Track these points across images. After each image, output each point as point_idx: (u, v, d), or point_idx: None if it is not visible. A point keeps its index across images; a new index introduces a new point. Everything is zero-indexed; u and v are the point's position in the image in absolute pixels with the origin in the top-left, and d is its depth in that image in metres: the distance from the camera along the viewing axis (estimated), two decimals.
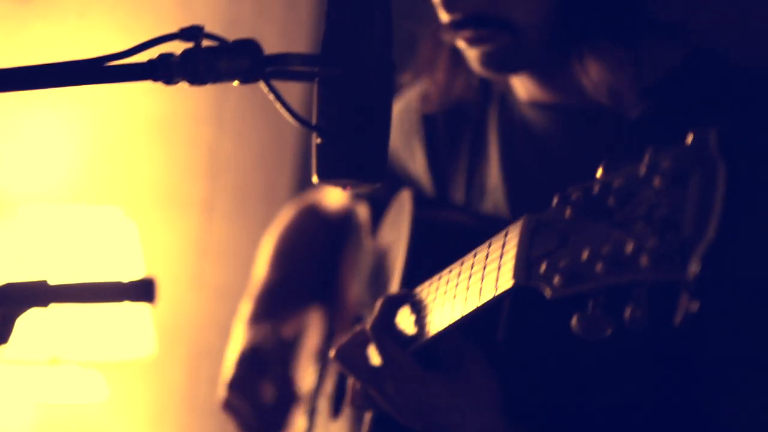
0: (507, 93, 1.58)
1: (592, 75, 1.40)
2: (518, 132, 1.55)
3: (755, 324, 1.32)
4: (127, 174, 2.76)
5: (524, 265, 1.04)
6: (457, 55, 1.53)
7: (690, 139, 0.90)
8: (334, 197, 1.87)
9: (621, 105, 1.40)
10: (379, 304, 1.29)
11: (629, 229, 0.92)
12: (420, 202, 1.56)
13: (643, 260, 0.89)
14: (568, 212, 1.00)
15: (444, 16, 1.46)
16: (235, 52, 1.05)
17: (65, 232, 2.46)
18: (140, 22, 2.67)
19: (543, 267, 1.00)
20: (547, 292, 0.99)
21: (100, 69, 1.03)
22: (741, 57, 1.46)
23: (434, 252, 1.22)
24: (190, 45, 1.04)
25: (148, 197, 2.78)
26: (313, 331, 1.87)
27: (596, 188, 0.97)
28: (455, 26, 1.45)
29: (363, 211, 1.76)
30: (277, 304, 1.85)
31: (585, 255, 0.95)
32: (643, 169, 0.92)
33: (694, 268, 0.85)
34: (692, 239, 0.86)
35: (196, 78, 1.04)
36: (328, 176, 1.10)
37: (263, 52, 1.07)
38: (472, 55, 1.46)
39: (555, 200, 1.03)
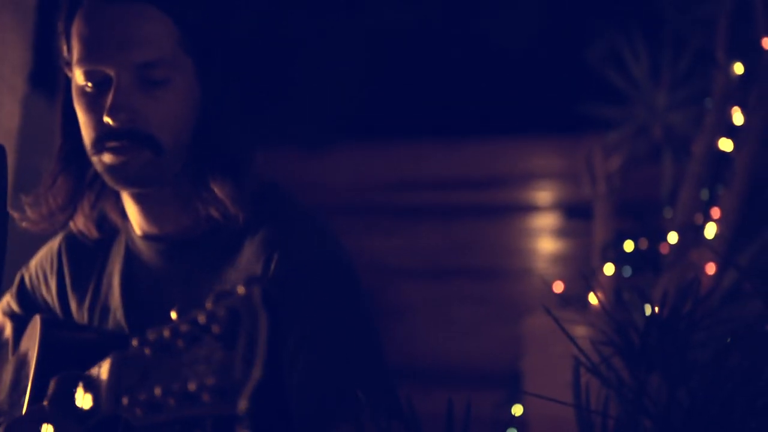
0: (126, 228, 1.84)
1: (219, 194, 1.69)
2: (134, 261, 1.81)
3: None
4: None
5: (113, 397, 1.18)
6: (77, 193, 1.79)
7: (240, 291, 1.05)
8: None
9: (229, 220, 1.71)
10: (53, 383, 1.39)
11: (194, 369, 1.06)
12: (49, 323, 1.73)
13: (205, 396, 1.03)
14: (147, 351, 1.14)
15: (93, 133, 1.67)
16: None
17: None
18: None
19: (126, 400, 1.14)
20: (133, 421, 1.12)
21: None
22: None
23: (60, 364, 1.36)
24: None
25: None
26: None
27: (168, 332, 1.11)
28: (107, 136, 1.66)
29: (8, 328, 1.92)
30: None
31: (159, 390, 1.08)
32: (203, 317, 1.07)
33: (242, 404, 1.00)
34: (242, 380, 1.01)
35: None
36: None
37: None
38: (112, 165, 1.67)
39: (135, 341, 1.16)
